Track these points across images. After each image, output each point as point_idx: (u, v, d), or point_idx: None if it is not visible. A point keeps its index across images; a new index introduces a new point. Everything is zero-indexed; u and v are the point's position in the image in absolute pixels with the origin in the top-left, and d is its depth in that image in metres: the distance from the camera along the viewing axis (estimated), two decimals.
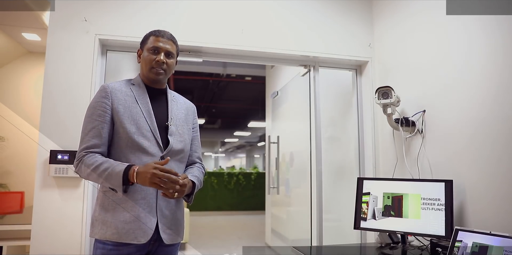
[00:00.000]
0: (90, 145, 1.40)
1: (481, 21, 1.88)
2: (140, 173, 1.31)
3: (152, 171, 1.28)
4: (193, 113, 1.67)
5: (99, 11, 2.38)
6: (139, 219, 1.37)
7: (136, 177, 1.31)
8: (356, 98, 2.93)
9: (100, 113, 1.42)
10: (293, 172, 3.85)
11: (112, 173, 1.32)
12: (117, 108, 1.44)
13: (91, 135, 1.40)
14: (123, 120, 1.42)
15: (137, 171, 1.31)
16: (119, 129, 1.42)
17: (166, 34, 1.54)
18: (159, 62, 1.49)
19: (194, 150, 1.65)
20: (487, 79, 1.82)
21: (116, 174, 1.32)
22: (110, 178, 1.32)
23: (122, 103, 1.45)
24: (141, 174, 1.30)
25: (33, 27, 3.74)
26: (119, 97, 1.46)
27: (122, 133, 1.41)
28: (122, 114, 1.43)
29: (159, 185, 1.29)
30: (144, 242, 1.36)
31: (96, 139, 1.40)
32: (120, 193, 1.35)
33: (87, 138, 1.40)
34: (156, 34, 1.52)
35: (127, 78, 1.59)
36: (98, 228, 1.38)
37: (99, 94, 1.46)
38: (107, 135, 1.42)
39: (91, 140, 1.40)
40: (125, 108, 1.45)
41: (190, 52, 2.62)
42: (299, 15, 2.74)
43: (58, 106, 2.24)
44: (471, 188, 1.88)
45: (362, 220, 2.10)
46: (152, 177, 1.28)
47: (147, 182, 1.29)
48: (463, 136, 1.95)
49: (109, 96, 1.45)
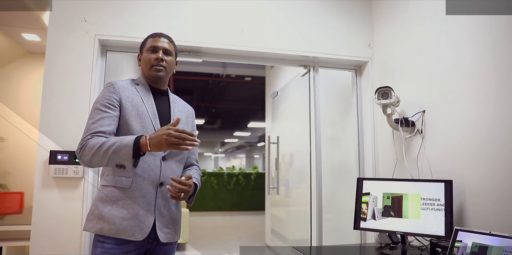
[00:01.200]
0: (97, 131, 1.36)
1: (481, 21, 1.88)
2: (154, 137, 1.27)
3: (167, 131, 1.26)
4: (192, 116, 1.71)
5: (99, 11, 2.38)
6: (137, 216, 1.37)
7: (150, 144, 1.27)
8: (355, 99, 2.93)
9: (109, 106, 1.42)
10: (292, 172, 3.85)
11: (120, 146, 1.28)
12: (125, 105, 1.45)
13: (100, 124, 1.38)
14: (130, 117, 1.43)
15: (150, 137, 1.28)
16: (124, 125, 1.43)
17: (162, 35, 1.58)
18: (158, 59, 1.51)
19: (192, 152, 1.68)
20: (488, 79, 1.82)
21: (126, 145, 1.27)
22: (119, 151, 1.28)
23: (129, 100, 1.47)
24: (155, 139, 1.27)
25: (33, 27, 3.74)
26: (127, 95, 1.47)
27: (127, 130, 1.42)
28: (129, 111, 1.44)
29: (177, 144, 1.26)
30: (141, 239, 1.37)
31: (105, 127, 1.38)
32: (129, 167, 1.30)
33: (95, 125, 1.37)
34: (153, 36, 1.57)
35: (130, 78, 1.60)
36: (94, 222, 1.37)
37: (107, 90, 1.46)
38: (114, 127, 1.41)
39: (99, 127, 1.37)
40: (133, 106, 1.46)
41: (190, 53, 2.62)
42: (298, 15, 2.74)
43: (58, 106, 2.24)
44: (471, 188, 1.88)
45: (361, 220, 2.10)
46: (168, 138, 1.25)
47: (163, 144, 1.26)
48: (463, 136, 1.95)
49: (117, 92, 1.46)
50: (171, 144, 1.26)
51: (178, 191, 1.36)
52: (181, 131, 1.27)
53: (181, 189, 1.36)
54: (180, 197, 1.37)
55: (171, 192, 1.36)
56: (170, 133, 1.25)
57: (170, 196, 1.37)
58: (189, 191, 1.40)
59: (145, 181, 1.42)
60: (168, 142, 1.25)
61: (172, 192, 1.36)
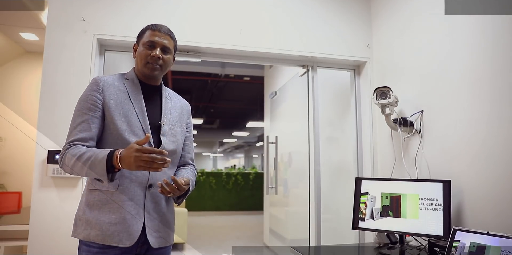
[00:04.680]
0: (77, 138, 1.32)
1: (480, 21, 1.88)
2: (124, 157, 1.21)
3: (134, 154, 1.18)
4: (187, 112, 1.61)
5: (97, 11, 2.38)
6: (125, 221, 1.30)
7: (121, 162, 1.22)
8: (354, 99, 2.93)
9: (91, 107, 1.35)
10: (291, 172, 3.85)
11: (95, 161, 1.23)
12: (109, 103, 1.37)
13: (80, 129, 1.33)
14: (114, 116, 1.36)
15: (120, 155, 1.22)
16: (110, 125, 1.36)
17: (163, 28, 1.46)
18: (154, 57, 1.41)
19: (187, 151, 1.59)
20: (486, 79, 1.82)
21: (100, 161, 1.22)
22: (94, 167, 1.23)
23: (114, 98, 1.38)
24: (124, 159, 1.21)
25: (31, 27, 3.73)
26: (111, 92, 1.39)
27: (113, 130, 1.35)
28: (113, 110, 1.36)
29: (146, 167, 1.20)
30: (129, 245, 1.30)
31: (84, 133, 1.33)
32: (106, 182, 1.26)
33: (75, 131, 1.33)
34: (152, 28, 1.45)
35: (121, 72, 1.51)
36: (82, 228, 1.31)
37: (90, 88, 1.39)
38: (96, 130, 1.35)
39: (79, 134, 1.32)
40: (117, 104, 1.38)
41: (189, 52, 2.61)
42: (297, 15, 2.74)
43: (56, 106, 2.24)
44: (469, 188, 1.88)
45: (360, 220, 2.10)
46: (136, 161, 1.18)
47: (133, 167, 1.20)
48: (461, 136, 1.96)
49: (100, 90, 1.37)
50: (139, 166, 1.19)
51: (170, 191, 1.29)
52: (150, 151, 1.19)
53: (173, 190, 1.29)
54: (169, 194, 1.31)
55: (162, 189, 1.29)
56: (137, 156, 1.18)
57: (160, 191, 1.30)
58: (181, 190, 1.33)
59: (132, 183, 1.34)
60: (137, 165, 1.19)
61: (163, 190, 1.29)
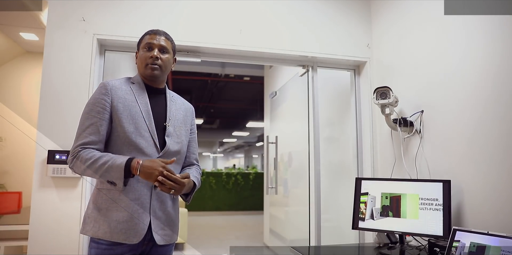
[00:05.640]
0: (87, 141, 1.38)
1: (480, 21, 1.88)
2: (146, 167, 1.31)
3: (160, 169, 1.30)
4: (191, 114, 1.67)
5: (97, 11, 2.38)
6: (132, 219, 1.37)
7: (140, 171, 1.31)
8: (354, 99, 2.93)
9: (99, 110, 1.40)
10: (291, 172, 3.85)
11: (113, 165, 1.32)
12: (117, 106, 1.42)
13: (89, 132, 1.38)
14: (122, 119, 1.41)
15: (142, 164, 1.32)
16: (117, 127, 1.41)
17: (159, 32, 1.54)
18: (153, 57, 1.48)
19: (192, 152, 1.65)
20: (486, 79, 1.82)
21: (118, 166, 1.31)
22: (111, 170, 1.32)
23: (122, 101, 1.44)
24: (146, 169, 1.31)
25: (31, 27, 3.74)
26: (119, 95, 1.45)
27: (120, 132, 1.40)
28: (121, 112, 1.42)
29: (161, 182, 1.30)
30: (136, 242, 1.36)
31: (94, 136, 1.38)
32: (120, 186, 1.34)
33: (85, 134, 1.39)
34: (149, 33, 1.54)
35: (127, 76, 1.58)
36: (90, 226, 1.38)
37: (98, 91, 1.44)
38: (105, 132, 1.41)
39: (88, 136, 1.38)
40: (125, 106, 1.44)
41: (189, 52, 2.61)
42: (297, 15, 2.74)
43: (56, 106, 2.24)
44: (469, 188, 1.88)
45: (360, 220, 2.10)
46: (159, 175, 1.30)
47: (152, 178, 1.30)
48: (461, 136, 1.96)
49: (109, 93, 1.43)
50: (156, 181, 1.30)
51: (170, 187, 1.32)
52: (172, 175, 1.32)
53: (171, 185, 1.32)
54: (169, 192, 1.34)
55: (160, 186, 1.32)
56: (162, 172, 1.30)
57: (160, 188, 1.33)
58: (180, 190, 1.37)
59: (139, 183, 1.40)
60: (154, 179, 1.30)
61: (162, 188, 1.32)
